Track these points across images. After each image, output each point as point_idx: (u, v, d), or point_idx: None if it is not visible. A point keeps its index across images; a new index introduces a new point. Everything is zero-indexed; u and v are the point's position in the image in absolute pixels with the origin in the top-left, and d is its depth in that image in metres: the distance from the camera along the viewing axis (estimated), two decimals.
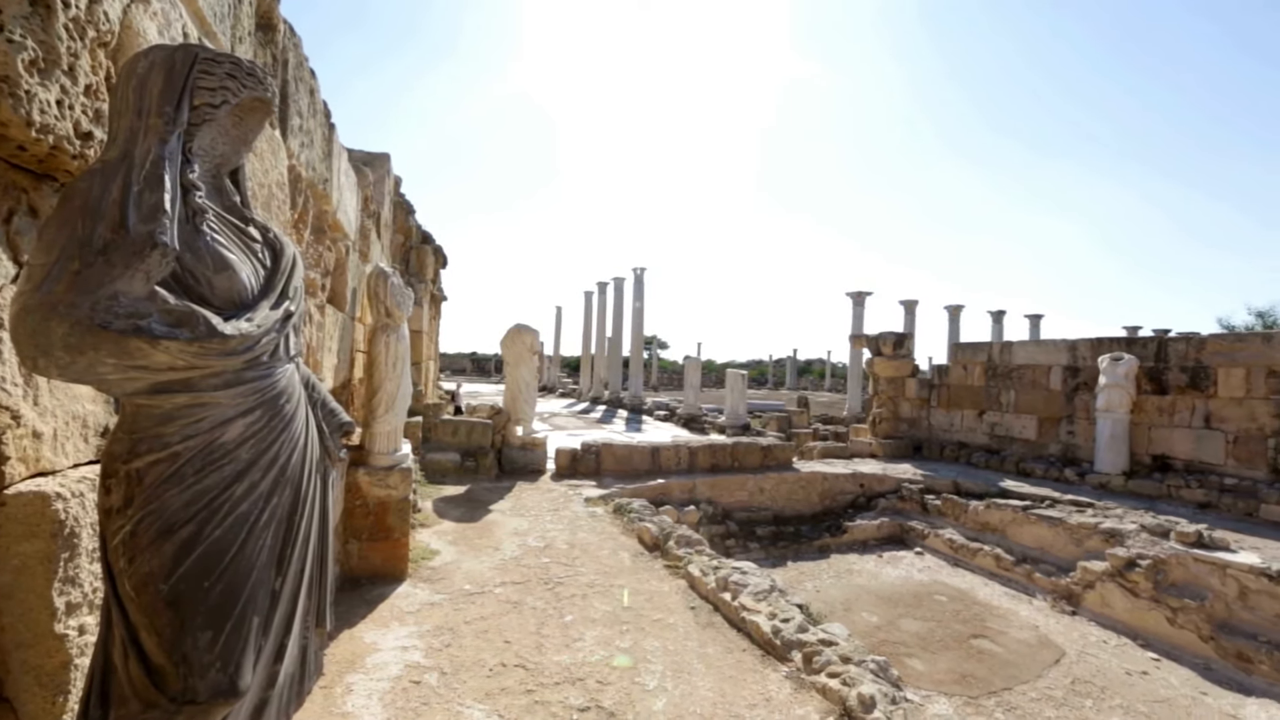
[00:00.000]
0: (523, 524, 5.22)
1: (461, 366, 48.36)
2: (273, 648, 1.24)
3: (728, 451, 8.34)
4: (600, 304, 25.33)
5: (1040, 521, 6.65)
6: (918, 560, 7.11)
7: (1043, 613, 5.68)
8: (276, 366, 1.25)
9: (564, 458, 7.55)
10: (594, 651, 2.98)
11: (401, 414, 3.90)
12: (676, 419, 15.98)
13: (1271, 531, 6.08)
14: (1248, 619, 4.89)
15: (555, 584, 3.86)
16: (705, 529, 6.96)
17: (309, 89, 2.71)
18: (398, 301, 3.83)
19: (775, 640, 3.02)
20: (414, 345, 8.03)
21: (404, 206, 9.04)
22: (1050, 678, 4.46)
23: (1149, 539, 5.64)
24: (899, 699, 2.50)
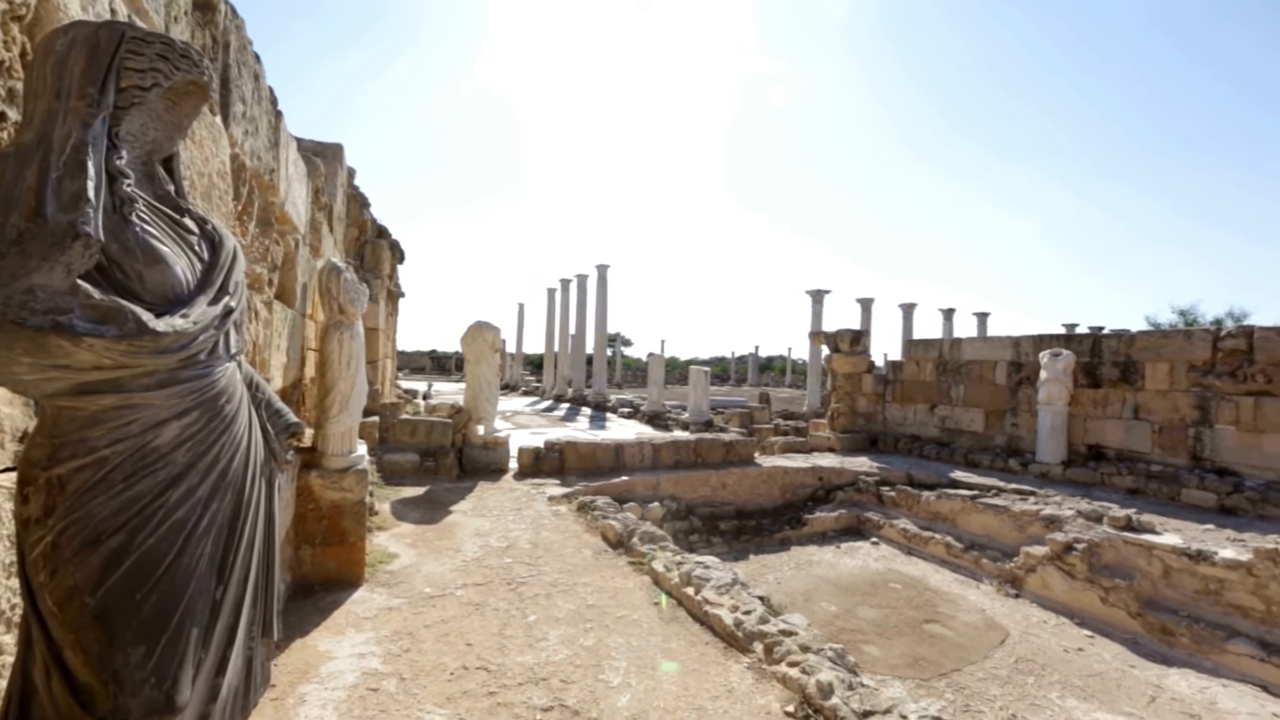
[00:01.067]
0: (485, 524, 5.14)
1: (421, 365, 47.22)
2: (214, 660, 1.18)
3: (691, 448, 8.42)
4: (563, 301, 25.15)
5: (987, 510, 6.97)
6: (874, 550, 7.35)
7: (989, 596, 5.96)
8: (215, 365, 1.18)
9: (527, 456, 7.47)
10: (558, 651, 2.96)
11: (356, 414, 3.78)
12: (640, 416, 16.03)
13: (1192, 514, 6.54)
14: (1171, 596, 5.25)
15: (518, 584, 3.81)
16: (669, 525, 7.01)
17: (253, 74, 2.58)
18: (351, 298, 3.71)
19: (737, 632, 3.07)
20: (370, 343, 7.79)
21: (358, 199, 8.74)
22: (996, 658, 4.68)
23: (1084, 524, 5.98)
24: (855, 684, 2.58)
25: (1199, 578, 5.11)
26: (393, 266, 10.41)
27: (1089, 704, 4.06)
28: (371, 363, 8.02)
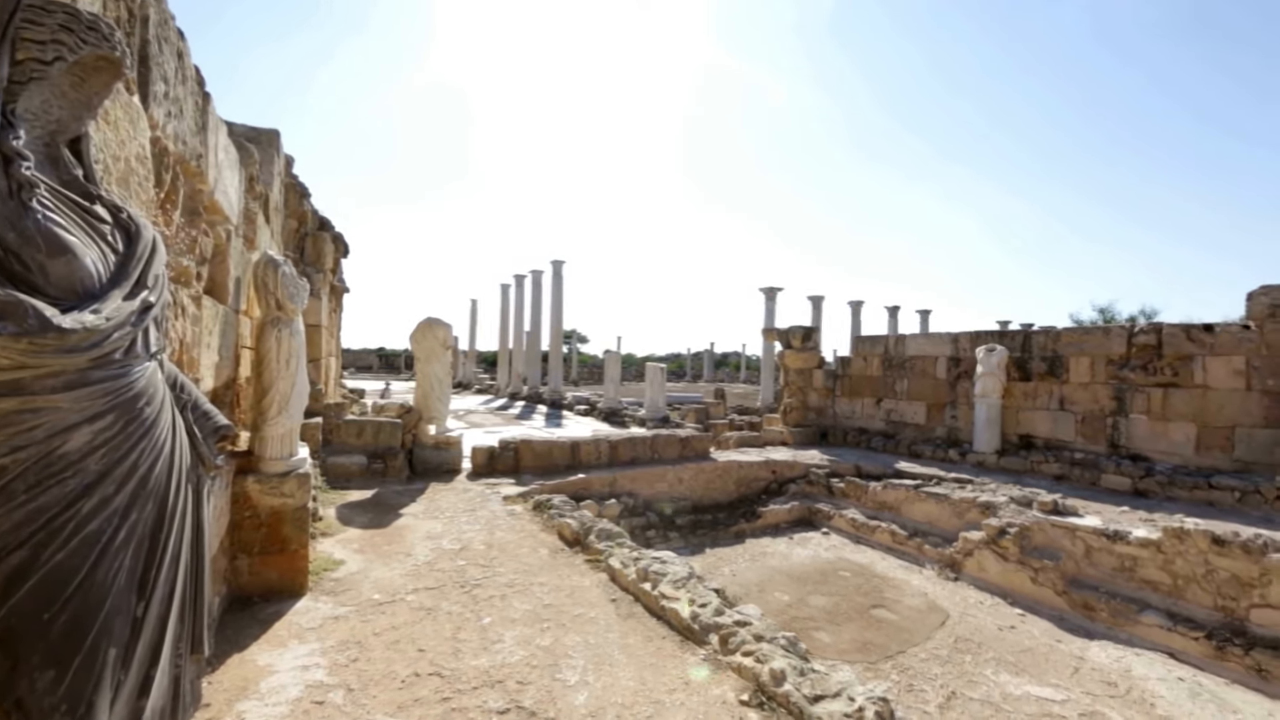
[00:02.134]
0: (437, 526, 5.01)
1: (368, 363, 45.56)
2: (136, 681, 1.09)
3: (647, 444, 8.45)
4: (518, 297, 24.75)
5: (929, 499, 7.30)
6: (824, 540, 7.58)
7: (931, 581, 6.26)
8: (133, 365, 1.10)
9: (481, 456, 7.32)
10: (514, 652, 2.92)
11: (297, 415, 3.60)
12: (597, 413, 15.98)
13: (1110, 497, 7.06)
14: (1092, 574, 5.66)
15: (472, 586, 3.73)
16: (626, 521, 7.02)
17: (176, 51, 2.41)
18: (290, 293, 3.52)
19: (694, 625, 3.11)
20: (311, 340, 7.45)
21: (297, 189, 8.32)
22: (937, 639, 4.92)
23: (1016, 509, 6.36)
24: (807, 670, 2.65)
25: (1116, 556, 5.52)
26: (336, 260, 9.97)
27: (1020, 678, 4.33)
28: (313, 361, 7.67)
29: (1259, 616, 4.69)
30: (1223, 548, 4.93)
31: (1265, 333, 7.13)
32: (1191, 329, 7.77)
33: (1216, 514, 6.19)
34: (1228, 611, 4.85)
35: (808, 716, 2.36)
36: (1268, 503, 6.42)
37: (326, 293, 8.65)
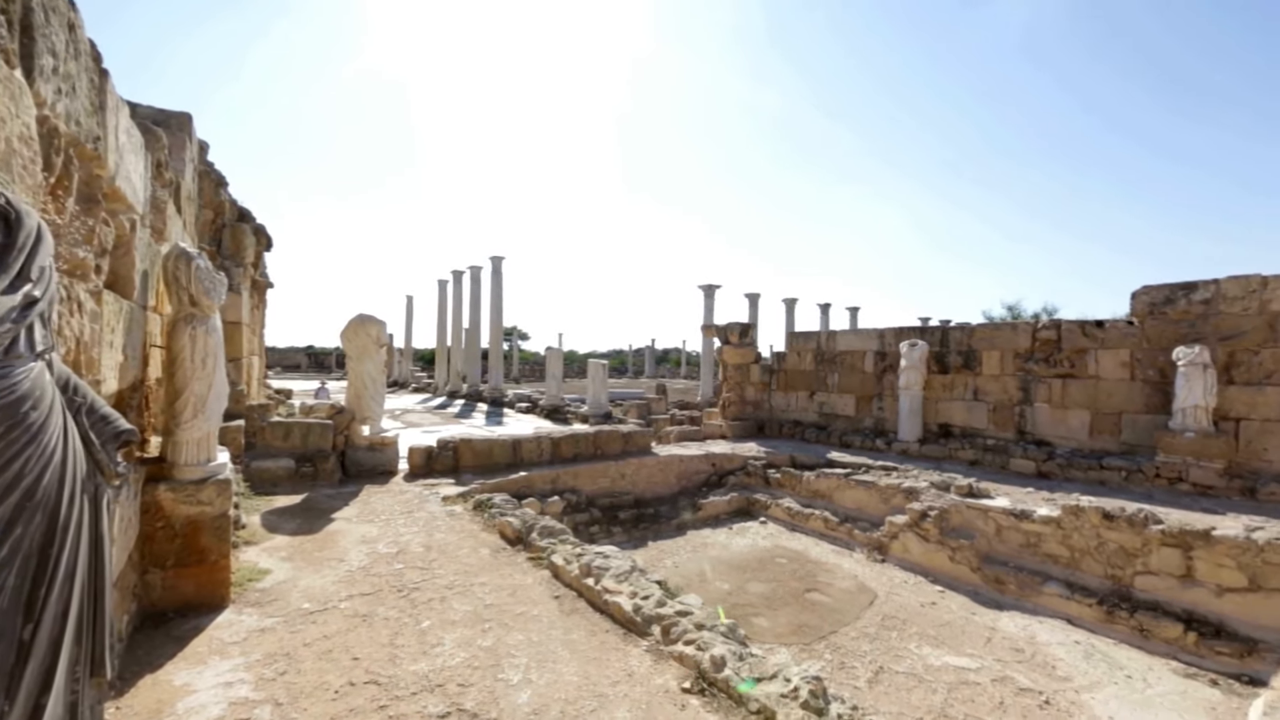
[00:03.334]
0: (372, 530, 4.82)
1: (295, 362, 43.02)
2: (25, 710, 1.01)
3: (590, 440, 8.45)
4: (455, 293, 24.05)
5: (858, 486, 7.70)
6: (762, 529, 7.85)
7: (861, 563, 6.61)
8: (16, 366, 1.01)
9: (418, 456, 7.10)
10: (454, 654, 2.87)
11: (215, 418, 3.37)
12: (539, 410, 15.80)
13: (1018, 480, 7.68)
14: (1002, 550, 6.15)
15: (410, 590, 3.63)
16: (569, 518, 7.00)
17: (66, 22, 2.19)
18: (205, 287, 3.29)
19: (636, 618, 3.16)
20: (231, 338, 6.97)
21: (213, 177, 7.75)
22: (866, 618, 5.22)
23: (936, 493, 6.81)
24: (745, 655, 2.75)
25: (1023, 533, 6.03)
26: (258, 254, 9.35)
27: (940, 649, 4.66)
28: (234, 360, 7.18)
29: (1142, 583, 5.25)
30: (1111, 522, 5.48)
31: (1146, 328, 7.96)
32: (1086, 325, 8.56)
33: (1107, 492, 6.86)
34: (1116, 579, 5.40)
35: (746, 699, 2.45)
36: (1149, 480, 7.19)
37: (248, 288, 8.11)
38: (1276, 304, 7.02)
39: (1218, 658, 4.52)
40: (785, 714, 2.29)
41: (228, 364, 4.28)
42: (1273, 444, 6.99)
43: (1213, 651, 4.55)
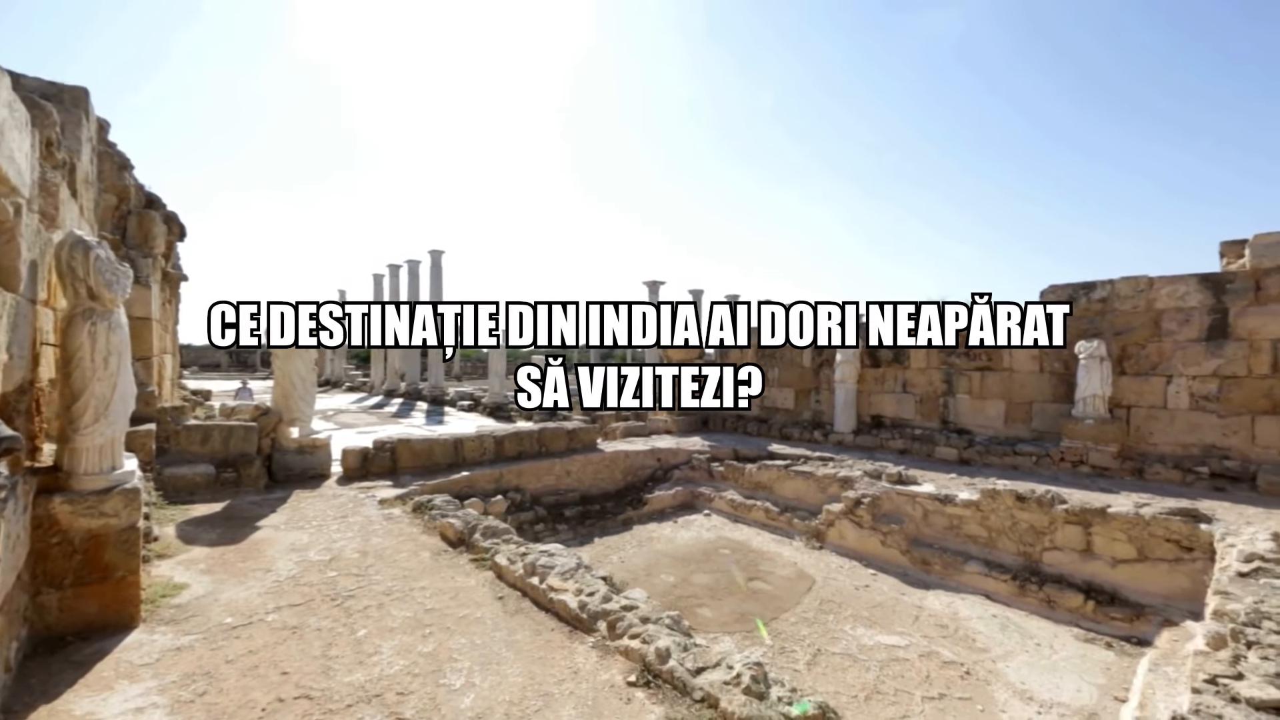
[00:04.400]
0: (302, 537, 4.58)
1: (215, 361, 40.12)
2: None
3: (534, 438, 8.35)
4: (392, 288, 23.12)
5: (798, 476, 7.98)
6: (706, 521, 8.01)
7: (800, 551, 6.86)
8: None
9: (353, 458, 6.79)
10: (393, 662, 2.77)
11: (120, 422, 3.10)
12: (482, 409, 15.45)
13: (942, 467, 8.19)
14: (929, 533, 6.54)
15: (345, 598, 3.47)
16: (513, 517, 6.90)
17: None
18: (107, 279, 3.01)
19: (582, 614, 3.15)
20: (139, 335, 6.43)
21: (115, 159, 7.09)
22: (805, 603, 5.43)
23: (869, 481, 7.16)
24: (690, 646, 2.81)
25: (946, 517, 6.44)
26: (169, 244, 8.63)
27: (873, 629, 4.91)
28: (143, 359, 6.62)
29: (1049, 558, 5.73)
30: (1023, 504, 5.93)
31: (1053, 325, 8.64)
32: None
33: (1019, 476, 7.43)
34: (1027, 556, 5.86)
35: (690, 688, 2.50)
36: (1055, 464, 7.83)
37: (158, 280, 7.48)
38: (1160, 302, 7.79)
39: (1112, 623, 4.99)
40: (728, 700, 2.35)
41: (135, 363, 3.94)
42: (1157, 429, 7.77)
43: (1108, 617, 5.02)
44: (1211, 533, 4.92)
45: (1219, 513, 5.49)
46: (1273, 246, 7.20)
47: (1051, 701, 3.91)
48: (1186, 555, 5.02)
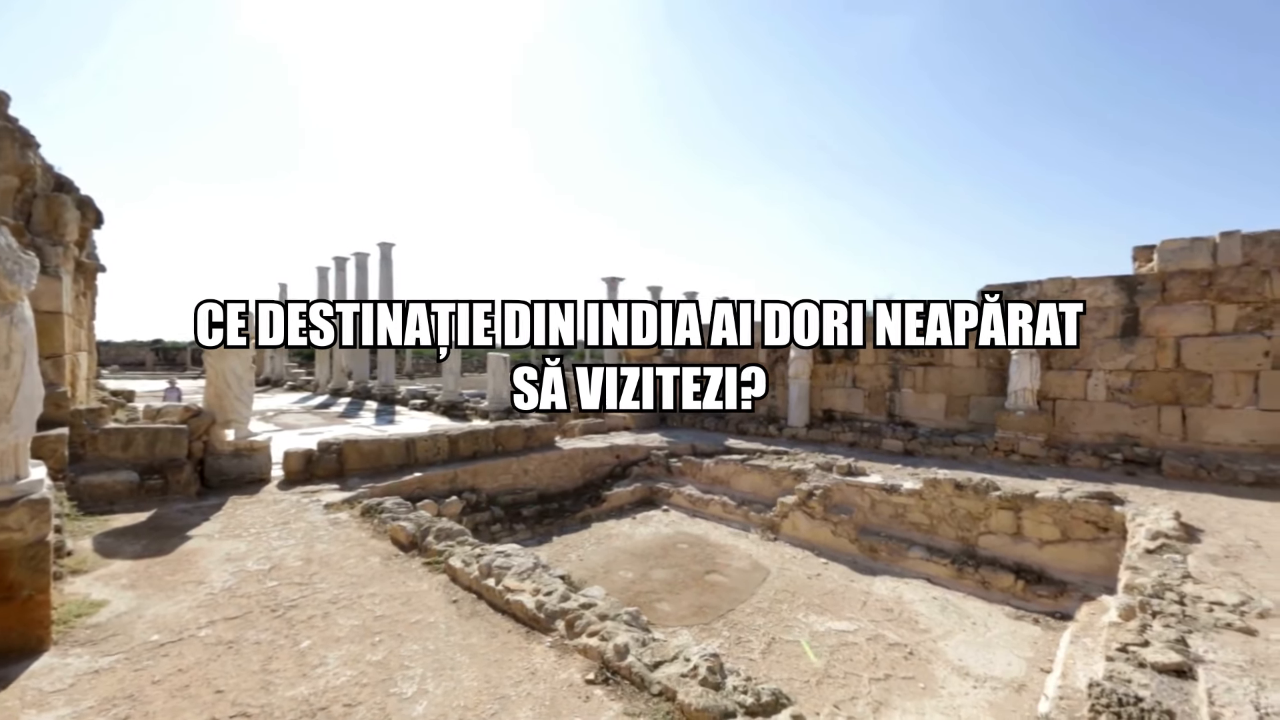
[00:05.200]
0: (239, 546, 4.33)
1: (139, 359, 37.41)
2: None
3: (490, 436, 8.19)
4: (339, 282, 22.16)
5: (754, 470, 8.14)
6: (664, 517, 8.07)
7: (756, 543, 7.01)
8: None
9: (295, 461, 6.47)
10: (340, 673, 2.66)
11: (25, 426, 2.83)
12: (435, 407, 15.03)
13: (889, 458, 8.52)
14: (876, 522, 6.80)
15: (287, 609, 3.31)
16: (469, 518, 6.76)
17: None
18: (7, 270, 2.74)
19: (539, 614, 3.11)
20: (47, 331, 5.92)
21: (16, 136, 6.48)
22: (760, 594, 5.55)
23: (821, 474, 7.38)
24: (648, 641, 2.82)
25: (892, 505, 6.71)
26: (84, 231, 7.96)
27: (824, 616, 5.07)
28: (52, 357, 6.10)
29: (985, 542, 6.05)
30: (961, 491, 6.25)
31: None
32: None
33: (958, 465, 7.82)
34: (965, 540, 6.18)
35: (649, 683, 2.51)
36: (990, 453, 8.29)
37: (70, 271, 6.90)
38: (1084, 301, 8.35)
39: (1039, 600, 5.33)
40: (685, 692, 2.37)
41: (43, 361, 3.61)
42: (1079, 419, 8.34)
43: (1036, 595, 5.36)
44: (1124, 514, 5.32)
45: (1130, 495, 5.94)
46: (1177, 252, 7.83)
47: (986, 676, 4.14)
48: (1103, 535, 5.41)
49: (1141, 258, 8.63)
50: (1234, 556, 4.17)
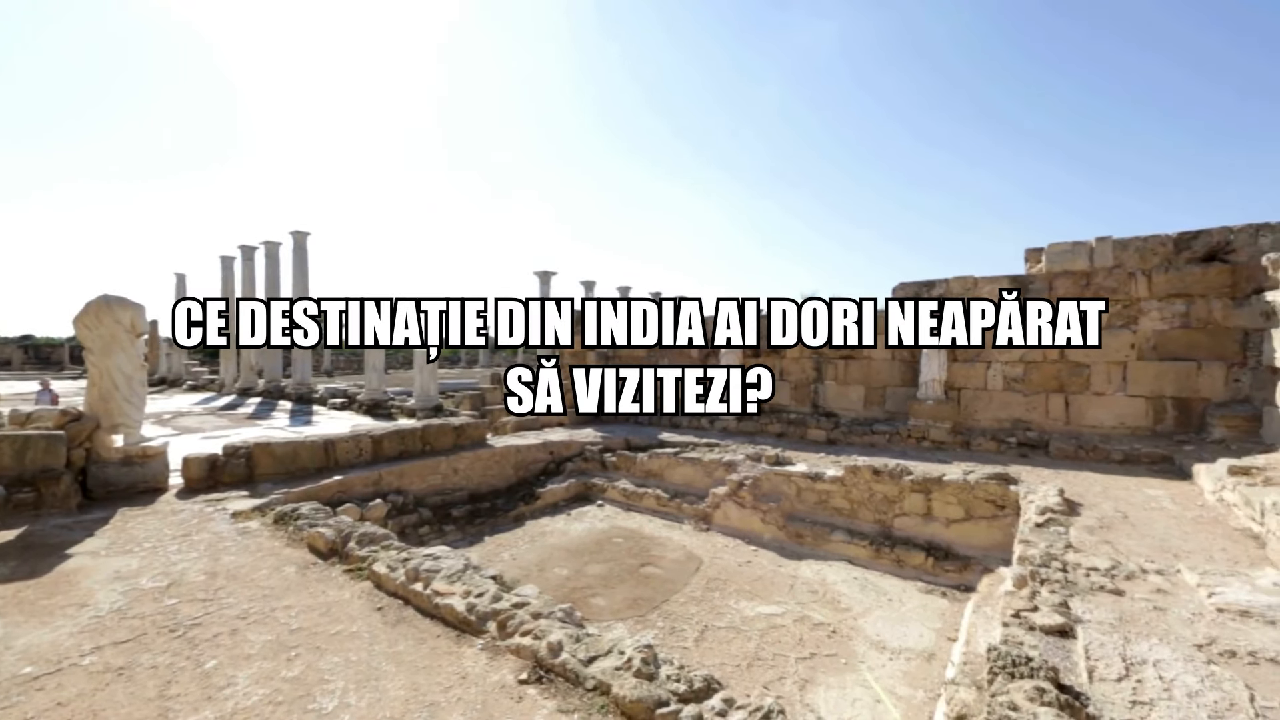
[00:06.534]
0: (131, 563, 3.94)
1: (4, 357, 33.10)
2: None
3: (418, 436, 7.88)
4: (247, 273, 20.53)
5: (686, 463, 8.30)
6: (599, 512, 8.08)
7: (689, 534, 7.15)
8: None
9: (197, 467, 5.95)
10: (250, 693, 2.48)
11: None
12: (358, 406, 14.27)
13: (814, 447, 8.94)
14: (802, 508, 7.12)
15: (189, 627, 3.05)
16: (395, 521, 6.49)
17: None
18: None
19: (470, 617, 3.04)
20: None
21: None
22: (694, 583, 5.67)
23: (750, 464, 7.64)
24: (583, 637, 2.82)
25: (816, 492, 7.05)
26: None
27: (754, 601, 5.26)
28: None
29: (899, 524, 6.49)
30: (878, 477, 6.66)
31: None
32: None
33: (876, 452, 8.32)
34: (882, 523, 6.59)
35: (583, 678, 2.51)
36: (904, 441, 8.87)
37: None
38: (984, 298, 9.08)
39: (946, 575, 5.78)
40: (620, 685, 2.39)
41: None
42: (980, 407, 9.09)
43: (944, 570, 5.81)
44: (1018, 492, 5.86)
45: (1023, 475, 6.55)
46: (1061, 254, 8.69)
47: (900, 648, 4.45)
48: (1000, 512, 5.94)
49: (1032, 259, 9.50)
50: (1106, 527, 4.69)
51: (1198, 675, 2.44)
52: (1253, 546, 4.13)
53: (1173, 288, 7.97)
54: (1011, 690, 2.19)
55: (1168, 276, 8.00)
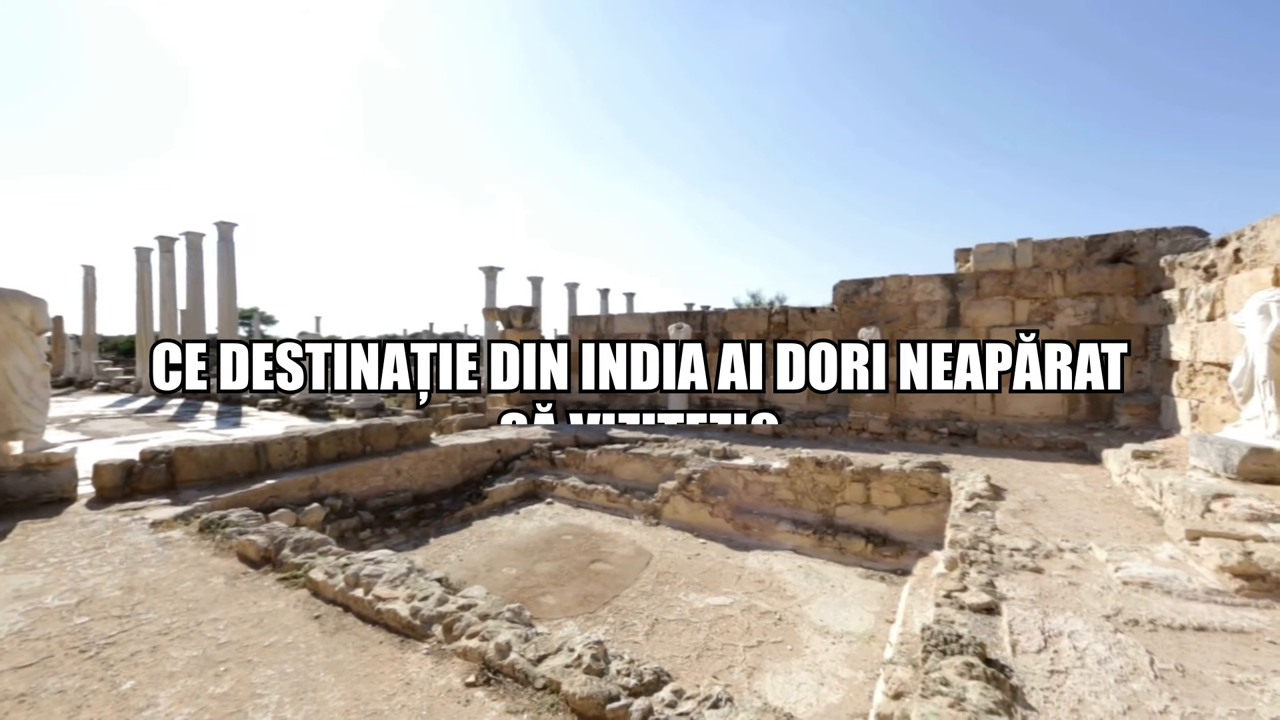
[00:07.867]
0: (34, 580, 3.61)
1: None
2: None
3: (357, 436, 7.57)
4: (166, 267, 19.11)
5: (636, 459, 8.34)
6: (549, 510, 8.01)
7: (639, 529, 7.20)
8: None
9: (110, 474, 5.50)
10: (174, 713, 2.33)
11: None
12: (292, 406, 13.58)
13: (760, 441, 9.17)
14: (749, 500, 7.29)
15: (102, 647, 2.82)
16: (334, 526, 6.22)
17: None
18: None
19: (415, 621, 2.95)
20: None
21: None
22: (644, 578, 5.72)
23: (699, 458, 7.75)
24: (532, 636, 2.79)
25: (763, 484, 7.23)
26: None
27: (703, 593, 5.35)
28: None
29: (841, 512, 6.75)
30: (821, 468, 6.90)
31: (842, 313, 10.13)
32: (804, 310, 10.55)
33: (819, 444, 8.61)
34: (825, 513, 6.84)
35: (533, 677, 2.49)
36: (845, 432, 9.23)
37: None
38: (917, 296, 9.56)
39: (885, 560, 6.06)
40: (569, 682, 2.39)
41: None
42: (914, 399, 9.56)
43: (882, 556, 6.09)
44: (949, 479, 6.22)
45: (954, 463, 6.95)
46: (987, 254, 9.25)
47: (842, 632, 4.63)
48: (933, 499, 6.28)
49: (961, 259, 10.07)
50: (1028, 510, 5.04)
51: (1106, 644, 2.67)
52: (1153, 524, 4.54)
53: (1084, 286, 8.64)
54: (944, 666, 2.32)
55: (1080, 276, 8.66)
